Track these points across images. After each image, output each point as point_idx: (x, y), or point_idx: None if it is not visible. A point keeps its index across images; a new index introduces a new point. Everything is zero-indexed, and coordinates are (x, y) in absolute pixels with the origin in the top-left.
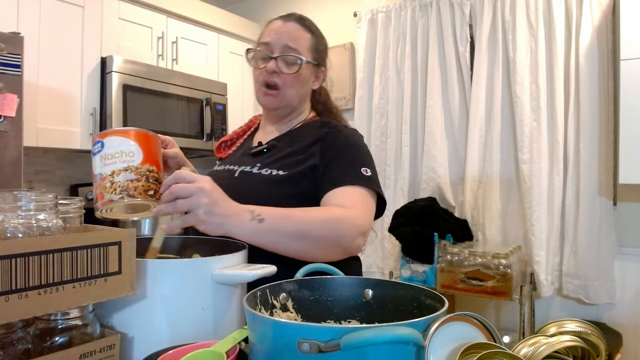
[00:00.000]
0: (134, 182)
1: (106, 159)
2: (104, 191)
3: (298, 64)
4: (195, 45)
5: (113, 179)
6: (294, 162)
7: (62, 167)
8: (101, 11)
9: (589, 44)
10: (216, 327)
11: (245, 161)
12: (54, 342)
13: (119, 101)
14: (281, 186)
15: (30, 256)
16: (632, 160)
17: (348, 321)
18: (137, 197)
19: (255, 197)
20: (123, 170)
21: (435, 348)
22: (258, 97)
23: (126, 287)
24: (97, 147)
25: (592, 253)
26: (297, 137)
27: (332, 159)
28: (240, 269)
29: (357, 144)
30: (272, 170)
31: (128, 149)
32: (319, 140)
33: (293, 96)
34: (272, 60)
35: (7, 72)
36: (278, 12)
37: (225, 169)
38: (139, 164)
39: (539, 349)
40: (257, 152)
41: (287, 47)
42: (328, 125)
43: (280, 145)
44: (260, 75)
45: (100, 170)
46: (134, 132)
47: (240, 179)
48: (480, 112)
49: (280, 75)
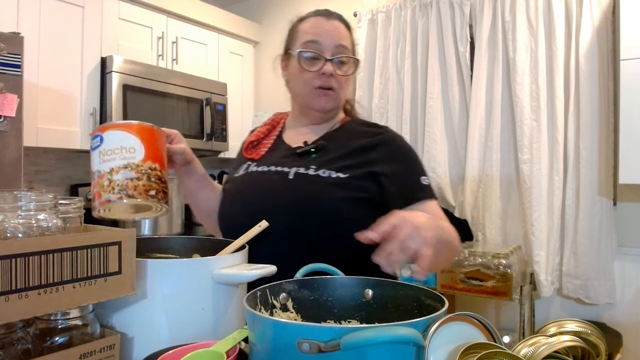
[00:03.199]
0: (134, 180)
1: (105, 155)
2: (102, 190)
3: (353, 64)
4: (195, 45)
5: (111, 177)
6: (351, 165)
7: (62, 167)
8: (101, 11)
9: (589, 44)
10: (216, 327)
11: (293, 162)
12: (54, 342)
13: (119, 101)
14: (343, 189)
15: (30, 256)
16: (632, 160)
17: (348, 321)
18: (137, 197)
19: (316, 200)
20: (122, 168)
21: (435, 348)
22: (308, 100)
23: (126, 287)
24: (95, 142)
25: (592, 253)
26: (342, 138)
27: (397, 168)
28: (240, 269)
29: (412, 149)
30: (331, 172)
31: (129, 144)
32: (376, 145)
33: (344, 97)
34: (327, 62)
35: (7, 72)
36: (278, 12)
37: (272, 170)
38: (140, 162)
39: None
40: (303, 152)
41: (340, 47)
42: (375, 127)
43: (329, 146)
44: (315, 79)
45: (98, 167)
46: (136, 125)
47: (297, 181)
48: (480, 112)
49: (335, 77)
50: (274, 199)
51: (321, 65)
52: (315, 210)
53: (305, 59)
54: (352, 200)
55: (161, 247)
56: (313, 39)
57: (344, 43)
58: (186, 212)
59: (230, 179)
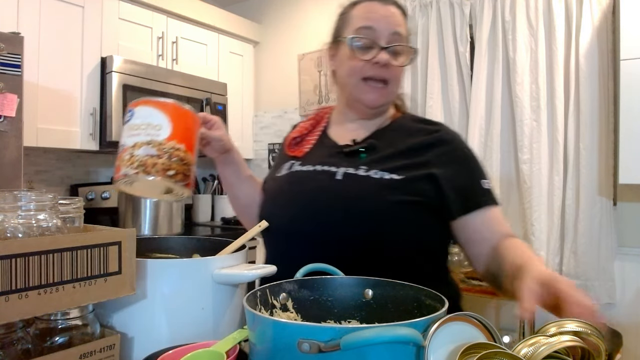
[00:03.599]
0: (153, 158)
1: (131, 130)
2: (122, 164)
3: (411, 54)
4: (195, 45)
5: (133, 152)
6: (406, 165)
7: (62, 167)
8: (101, 11)
9: (589, 44)
10: (216, 327)
11: (341, 161)
12: (54, 342)
13: (119, 101)
14: (397, 192)
15: (30, 256)
16: (632, 160)
17: (348, 321)
18: (154, 175)
19: (367, 203)
20: (145, 144)
21: (435, 348)
22: (356, 93)
23: (126, 287)
24: (127, 116)
25: (592, 253)
26: (394, 135)
27: (457, 170)
28: (240, 269)
29: (472, 151)
30: (383, 173)
31: (156, 121)
32: (432, 144)
33: (397, 91)
34: (382, 50)
35: (7, 72)
36: (278, 12)
37: (317, 169)
38: (164, 140)
39: (539, 349)
40: (351, 151)
41: (396, 35)
42: (431, 124)
43: (379, 144)
44: (365, 68)
45: (124, 140)
46: (168, 104)
47: (346, 182)
48: (480, 112)
49: (389, 68)
50: (320, 201)
51: (375, 53)
52: (366, 214)
53: (356, 46)
54: (407, 204)
55: (161, 247)
56: (367, 25)
57: (400, 30)
58: (186, 212)
59: (271, 178)
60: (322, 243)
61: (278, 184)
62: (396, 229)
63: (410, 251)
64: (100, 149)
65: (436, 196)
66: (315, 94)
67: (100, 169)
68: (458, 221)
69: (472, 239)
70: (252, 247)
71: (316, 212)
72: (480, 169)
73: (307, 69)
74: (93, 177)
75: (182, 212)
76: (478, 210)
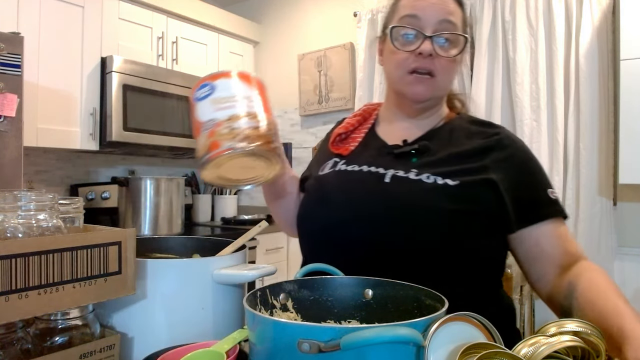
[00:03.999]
0: (256, 130)
1: (219, 103)
2: (220, 138)
3: (461, 44)
4: (195, 45)
5: (232, 125)
6: (461, 170)
7: (62, 167)
8: (101, 11)
9: (589, 44)
10: (216, 327)
11: (390, 163)
12: (54, 342)
13: (119, 101)
14: (451, 199)
15: (30, 256)
16: (632, 160)
17: (348, 321)
18: (263, 148)
19: (417, 211)
20: (245, 116)
21: (435, 348)
22: (400, 87)
23: (126, 287)
24: (204, 91)
25: (592, 253)
26: (449, 137)
27: (519, 177)
28: (240, 269)
29: (534, 157)
30: (436, 177)
31: (246, 93)
32: (491, 148)
33: (446, 85)
34: (427, 40)
35: (7, 72)
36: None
37: (364, 170)
38: (260, 111)
39: (539, 349)
40: (402, 153)
41: (445, 23)
42: (489, 127)
43: (432, 146)
44: (409, 60)
45: (212, 115)
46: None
47: (395, 186)
48: (480, 112)
49: (435, 59)
50: (366, 204)
51: (419, 44)
52: (414, 222)
53: (400, 36)
54: (462, 213)
55: (161, 247)
56: (411, 13)
57: (452, 19)
58: (186, 212)
59: (312, 176)
60: (365, 251)
61: (320, 183)
62: (449, 241)
63: (464, 265)
64: (100, 149)
65: (494, 204)
66: (315, 94)
67: (100, 169)
68: (518, 233)
69: (532, 255)
70: (252, 247)
71: (360, 217)
72: (545, 177)
73: (307, 69)
74: (93, 177)
75: (182, 212)
76: (543, 222)
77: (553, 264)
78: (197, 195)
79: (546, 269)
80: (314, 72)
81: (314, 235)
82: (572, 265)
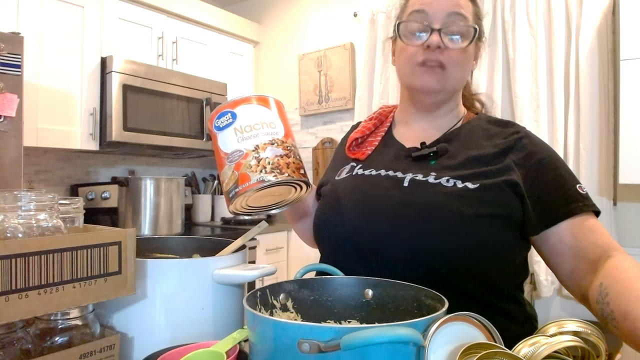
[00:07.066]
0: (283, 158)
1: (244, 132)
2: (249, 170)
3: (470, 34)
4: (195, 45)
5: (259, 155)
6: (481, 173)
7: (62, 167)
8: (101, 11)
9: (589, 44)
10: (216, 327)
11: (408, 166)
12: (54, 342)
13: (119, 101)
14: (472, 203)
15: (30, 256)
16: (632, 160)
17: (348, 321)
18: (293, 176)
19: (438, 216)
20: (269, 144)
21: (435, 348)
22: (411, 80)
23: (126, 287)
24: (226, 119)
25: None
26: (468, 138)
27: (543, 177)
28: (240, 269)
29: (556, 154)
30: (456, 181)
31: (268, 119)
32: (511, 148)
33: (458, 78)
34: (434, 32)
35: (7, 72)
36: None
37: (381, 174)
38: (283, 137)
39: (539, 349)
40: (420, 156)
41: (454, 15)
42: (508, 126)
43: (450, 148)
44: (418, 53)
45: (237, 145)
46: (269, 98)
47: (414, 190)
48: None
49: (445, 51)
50: (384, 210)
51: (427, 37)
52: (435, 227)
53: (408, 32)
54: (483, 217)
55: (161, 247)
56: (419, 9)
57: (461, 12)
58: (186, 212)
59: (329, 181)
60: (385, 258)
61: (337, 188)
62: (471, 246)
63: (486, 270)
64: (100, 149)
65: (516, 206)
66: (315, 94)
67: (100, 169)
68: (542, 234)
69: (557, 251)
70: (252, 247)
71: (379, 223)
72: (570, 173)
73: (307, 69)
74: (93, 177)
75: (182, 212)
76: (570, 218)
77: (581, 259)
78: (197, 195)
79: (574, 264)
80: (314, 72)
81: (330, 242)
82: (602, 259)
